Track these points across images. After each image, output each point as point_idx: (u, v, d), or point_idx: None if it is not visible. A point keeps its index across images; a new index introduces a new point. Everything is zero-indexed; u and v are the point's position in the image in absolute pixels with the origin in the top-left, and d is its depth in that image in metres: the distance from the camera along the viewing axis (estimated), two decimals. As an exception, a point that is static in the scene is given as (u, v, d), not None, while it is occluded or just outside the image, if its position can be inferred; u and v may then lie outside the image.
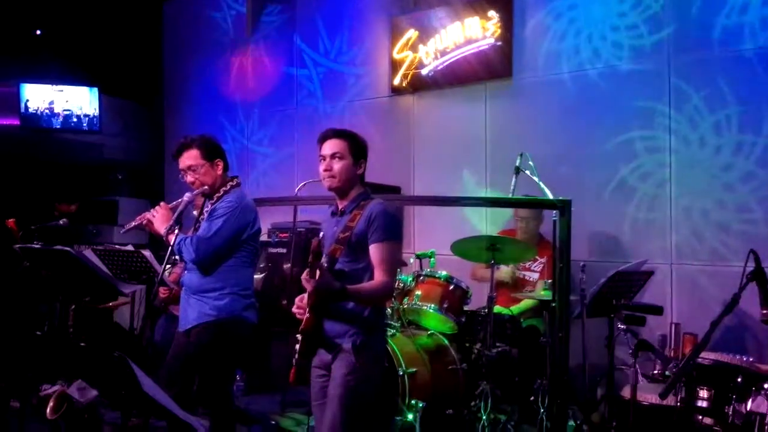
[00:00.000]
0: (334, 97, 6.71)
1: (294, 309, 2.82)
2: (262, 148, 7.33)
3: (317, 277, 2.60)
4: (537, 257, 4.87)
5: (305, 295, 2.80)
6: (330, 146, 2.89)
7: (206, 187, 3.46)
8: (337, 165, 2.86)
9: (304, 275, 2.64)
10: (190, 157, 3.45)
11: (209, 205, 3.51)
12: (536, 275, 4.90)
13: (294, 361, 2.72)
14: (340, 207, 2.92)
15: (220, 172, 3.50)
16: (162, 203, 3.51)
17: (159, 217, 3.40)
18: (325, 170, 2.88)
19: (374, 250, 2.76)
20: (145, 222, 3.44)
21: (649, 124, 4.93)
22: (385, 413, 4.04)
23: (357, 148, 2.91)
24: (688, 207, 4.77)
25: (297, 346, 2.76)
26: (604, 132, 5.12)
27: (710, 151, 4.70)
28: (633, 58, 5.02)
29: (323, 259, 2.65)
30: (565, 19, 5.34)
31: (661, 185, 4.87)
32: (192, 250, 3.31)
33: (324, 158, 2.90)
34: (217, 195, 3.49)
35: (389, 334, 4.26)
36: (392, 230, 2.80)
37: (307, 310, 2.71)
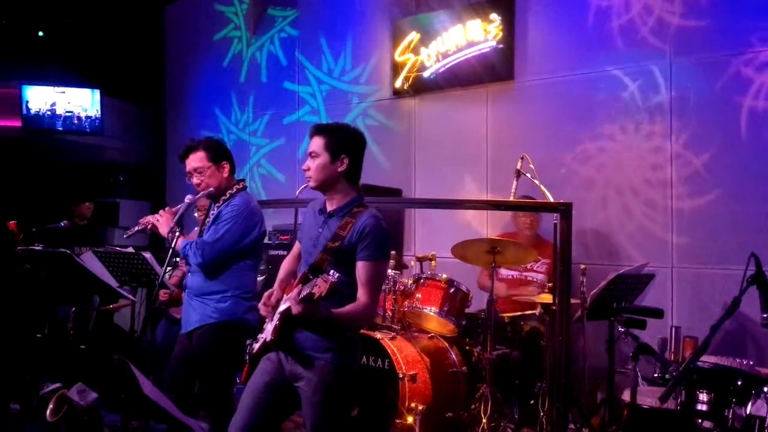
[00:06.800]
0: (336, 100, 6.71)
1: (260, 305, 2.74)
2: (264, 151, 7.33)
3: (304, 304, 2.38)
4: (540, 258, 4.87)
5: (273, 292, 2.75)
6: (310, 144, 2.72)
7: (212, 189, 3.46)
8: (312, 163, 2.69)
9: (294, 295, 2.42)
10: (196, 159, 3.46)
11: (215, 208, 3.51)
12: (541, 275, 4.88)
13: (246, 359, 2.72)
14: (328, 208, 2.75)
15: (226, 174, 3.50)
16: (166, 208, 3.53)
17: (163, 221, 3.43)
18: (304, 169, 2.74)
19: (362, 269, 2.59)
20: (150, 226, 3.47)
21: (650, 127, 4.93)
22: (385, 416, 4.04)
23: (337, 144, 2.68)
24: (689, 210, 4.77)
25: (255, 345, 2.75)
26: (606, 135, 5.12)
27: (711, 154, 4.70)
28: (634, 60, 5.02)
29: (308, 287, 2.35)
30: (566, 21, 5.34)
31: (662, 188, 4.87)
32: (198, 254, 3.32)
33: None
34: (223, 198, 3.49)
35: (390, 336, 4.26)
36: (382, 249, 2.65)
37: (279, 320, 2.62)
